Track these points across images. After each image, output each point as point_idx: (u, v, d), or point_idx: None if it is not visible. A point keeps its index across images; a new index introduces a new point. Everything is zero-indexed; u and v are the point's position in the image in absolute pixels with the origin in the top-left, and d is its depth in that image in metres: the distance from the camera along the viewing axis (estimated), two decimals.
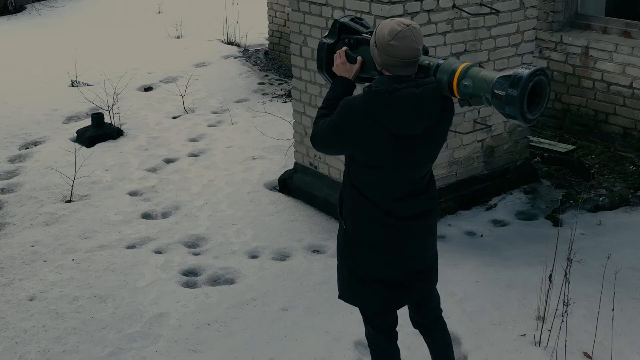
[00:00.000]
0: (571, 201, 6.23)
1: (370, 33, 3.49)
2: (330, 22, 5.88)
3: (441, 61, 3.29)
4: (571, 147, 7.17)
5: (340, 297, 3.70)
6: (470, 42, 5.86)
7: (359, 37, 3.53)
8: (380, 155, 3.27)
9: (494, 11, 5.84)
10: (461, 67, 3.21)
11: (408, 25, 3.19)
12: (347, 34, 3.58)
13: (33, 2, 14.80)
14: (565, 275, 4.30)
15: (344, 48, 3.51)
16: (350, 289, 3.61)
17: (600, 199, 6.19)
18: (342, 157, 6.03)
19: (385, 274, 3.49)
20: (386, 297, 3.54)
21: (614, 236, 5.68)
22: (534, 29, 6.21)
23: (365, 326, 3.78)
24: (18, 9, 14.51)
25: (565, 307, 4.14)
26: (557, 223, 5.86)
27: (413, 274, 3.54)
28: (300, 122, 6.46)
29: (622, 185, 6.48)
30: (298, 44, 6.29)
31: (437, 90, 3.23)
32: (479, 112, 6.10)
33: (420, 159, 3.35)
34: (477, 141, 6.19)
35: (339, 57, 3.49)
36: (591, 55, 7.11)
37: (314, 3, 6.03)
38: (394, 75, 3.23)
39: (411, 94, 3.17)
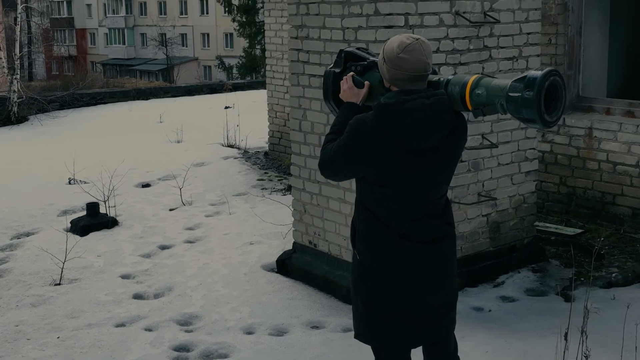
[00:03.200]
0: (582, 279, 5.97)
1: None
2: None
3: (451, 76, 3.23)
4: (579, 230, 6.96)
5: (356, 336, 3.48)
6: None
7: (365, 63, 3.45)
8: (394, 172, 3.14)
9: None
10: (473, 78, 3.14)
11: (417, 39, 3.15)
12: (353, 62, 3.50)
13: (36, 113, 14.94)
14: (582, 333, 4.04)
15: (351, 73, 3.43)
16: (366, 324, 3.39)
17: (613, 275, 5.94)
18: (343, 232, 5.87)
19: (402, 305, 3.28)
20: (403, 332, 3.32)
21: (630, 309, 5.38)
22: None
23: None
24: (21, 119, 14.63)
25: (585, 358, 3.83)
26: (568, 299, 5.58)
27: (431, 307, 3.33)
28: (300, 199, 6.28)
29: (635, 263, 6.23)
30: (297, 118, 6.19)
31: (449, 102, 3.13)
32: (483, 184, 5.93)
33: (434, 177, 3.21)
34: (482, 215, 5.99)
35: (346, 83, 3.41)
36: (595, 136, 7.01)
37: (314, 76, 5.98)
38: (403, 90, 3.14)
39: (422, 104, 3.08)
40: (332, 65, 3.61)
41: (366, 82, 3.38)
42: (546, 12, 7.25)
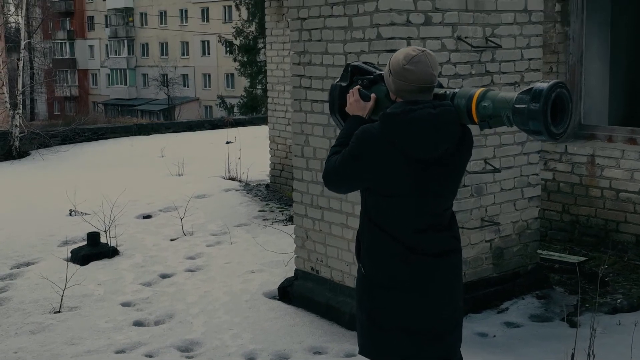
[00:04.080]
0: (587, 305, 5.92)
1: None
2: (333, 120, 5.84)
3: (457, 90, 3.24)
4: (582, 258, 6.91)
5: (360, 352, 3.43)
6: (475, 137, 5.74)
7: (372, 76, 3.46)
8: (399, 182, 3.14)
9: None
10: (479, 90, 3.16)
11: (423, 51, 3.17)
12: (359, 76, 3.51)
13: (37, 148, 14.96)
14: (589, 354, 3.99)
15: (357, 87, 3.43)
16: (370, 339, 3.34)
17: (618, 301, 5.89)
18: (345, 258, 5.83)
19: (408, 319, 3.23)
20: (408, 347, 3.27)
21: (636, 334, 5.33)
22: None
23: None
24: (22, 154, 14.65)
25: None
26: (574, 324, 5.52)
27: (437, 322, 3.28)
28: (302, 225, 6.25)
29: None
30: (300, 144, 6.19)
31: (455, 113, 3.14)
32: (486, 210, 5.90)
33: (439, 187, 3.21)
34: (486, 241, 5.95)
35: (352, 96, 3.42)
36: (598, 164, 7.00)
37: (316, 101, 5.99)
38: (409, 100, 3.14)
39: (428, 114, 3.09)
40: (338, 79, 3.62)
41: (372, 95, 3.38)
42: (547, 41, 7.29)
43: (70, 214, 9.76)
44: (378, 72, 3.48)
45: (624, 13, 7.92)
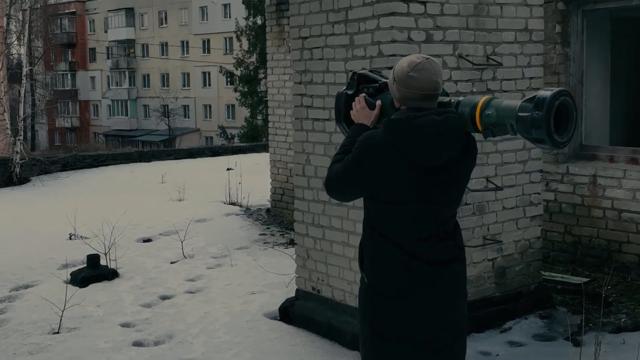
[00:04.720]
0: (591, 325, 5.86)
1: None
2: (334, 137, 5.84)
3: (461, 98, 3.24)
4: (585, 279, 6.87)
5: None
6: (477, 155, 5.73)
7: (377, 85, 3.45)
8: (403, 189, 3.11)
9: None
10: (483, 99, 3.15)
11: (427, 58, 3.17)
12: (366, 84, 3.51)
13: (38, 175, 14.96)
14: None
15: (363, 94, 3.43)
16: (373, 348, 3.29)
17: (622, 320, 5.84)
18: (347, 276, 5.79)
19: (411, 328, 3.19)
20: (410, 356, 3.22)
21: None
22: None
23: None
24: (23, 180, 14.64)
25: None
26: (577, 343, 5.46)
27: (441, 332, 3.23)
28: (303, 245, 6.22)
29: None
30: (301, 163, 6.17)
31: (459, 121, 3.12)
32: (488, 228, 5.87)
33: (443, 195, 3.18)
34: (488, 260, 5.92)
35: (358, 103, 3.41)
36: (599, 184, 6.99)
37: (317, 120, 5.98)
38: (414, 107, 3.13)
39: (432, 120, 3.08)
40: (345, 87, 3.62)
41: (378, 103, 3.37)
42: (548, 62, 7.31)
43: (70, 238, 9.73)
44: (384, 80, 3.48)
45: (624, 34, 7.96)
